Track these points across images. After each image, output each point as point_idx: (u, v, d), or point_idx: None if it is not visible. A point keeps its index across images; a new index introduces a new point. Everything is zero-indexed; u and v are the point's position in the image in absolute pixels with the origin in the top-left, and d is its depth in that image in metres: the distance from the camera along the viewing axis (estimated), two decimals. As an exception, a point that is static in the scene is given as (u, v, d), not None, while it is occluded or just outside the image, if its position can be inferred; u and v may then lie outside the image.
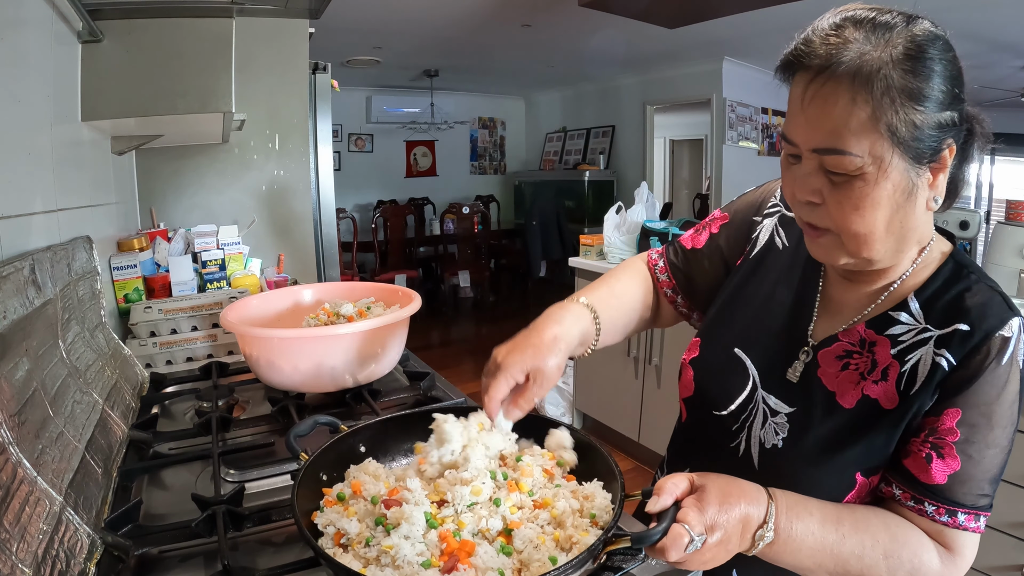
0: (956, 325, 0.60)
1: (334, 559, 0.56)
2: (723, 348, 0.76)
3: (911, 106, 0.53)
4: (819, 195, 0.59)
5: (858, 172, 0.55)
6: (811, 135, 0.57)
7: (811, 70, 0.56)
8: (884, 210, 0.57)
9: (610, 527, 0.56)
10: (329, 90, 2.49)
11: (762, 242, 0.78)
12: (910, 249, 0.64)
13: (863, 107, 0.53)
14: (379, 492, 0.65)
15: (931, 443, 0.60)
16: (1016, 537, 1.59)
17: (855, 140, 0.54)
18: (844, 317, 0.69)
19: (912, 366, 0.62)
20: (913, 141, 0.54)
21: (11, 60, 0.90)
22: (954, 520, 0.60)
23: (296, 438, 0.75)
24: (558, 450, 0.72)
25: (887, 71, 0.53)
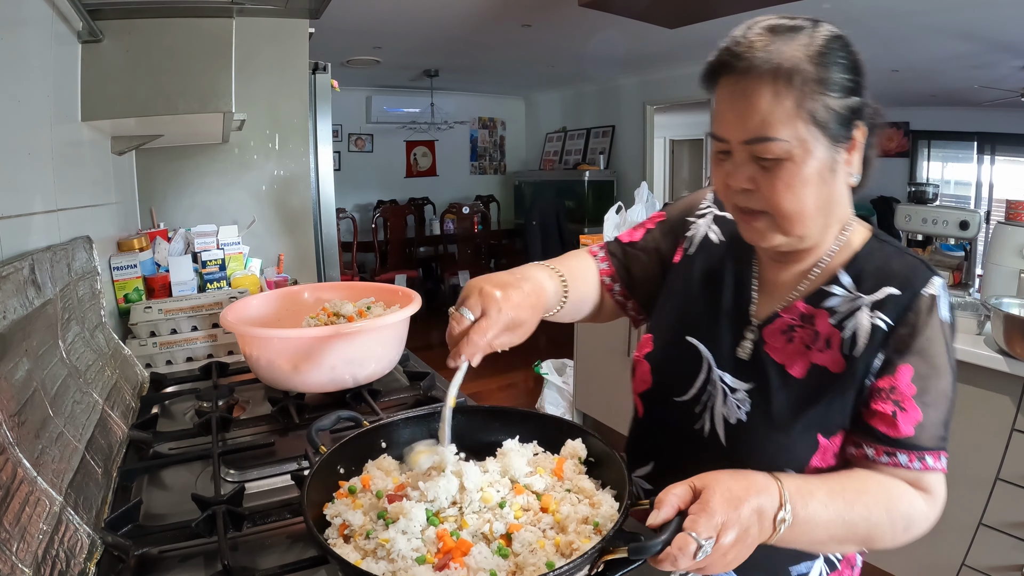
0: (887, 289, 0.68)
1: (331, 549, 0.56)
2: (675, 338, 0.82)
3: (826, 94, 0.62)
4: (753, 182, 0.66)
5: (787, 155, 0.63)
6: (742, 129, 0.64)
7: (736, 72, 0.63)
8: (812, 187, 0.64)
9: (608, 535, 0.56)
10: (329, 90, 2.49)
11: (698, 239, 0.86)
12: (834, 227, 0.72)
13: (786, 98, 0.61)
14: (386, 487, 0.66)
15: (893, 400, 0.67)
16: (1016, 537, 1.59)
17: (782, 127, 0.62)
18: (781, 296, 0.76)
19: (852, 332, 0.69)
20: (831, 123, 0.63)
21: (11, 60, 0.90)
22: (924, 464, 0.67)
23: (318, 432, 0.76)
24: (570, 459, 0.72)
25: (803, 66, 0.61)
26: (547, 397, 3.20)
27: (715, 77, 0.66)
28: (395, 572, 0.55)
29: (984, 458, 1.63)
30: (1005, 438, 1.60)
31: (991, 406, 1.62)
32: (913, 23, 3.36)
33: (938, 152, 5.78)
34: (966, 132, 5.39)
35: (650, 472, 0.85)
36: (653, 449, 0.86)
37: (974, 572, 1.68)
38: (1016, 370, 1.55)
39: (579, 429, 0.75)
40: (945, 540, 1.71)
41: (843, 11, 3.22)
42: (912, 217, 2.14)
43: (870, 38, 3.73)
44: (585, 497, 0.66)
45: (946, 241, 2.11)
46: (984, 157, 5.43)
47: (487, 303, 0.66)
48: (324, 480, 0.68)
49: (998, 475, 1.61)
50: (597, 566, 0.56)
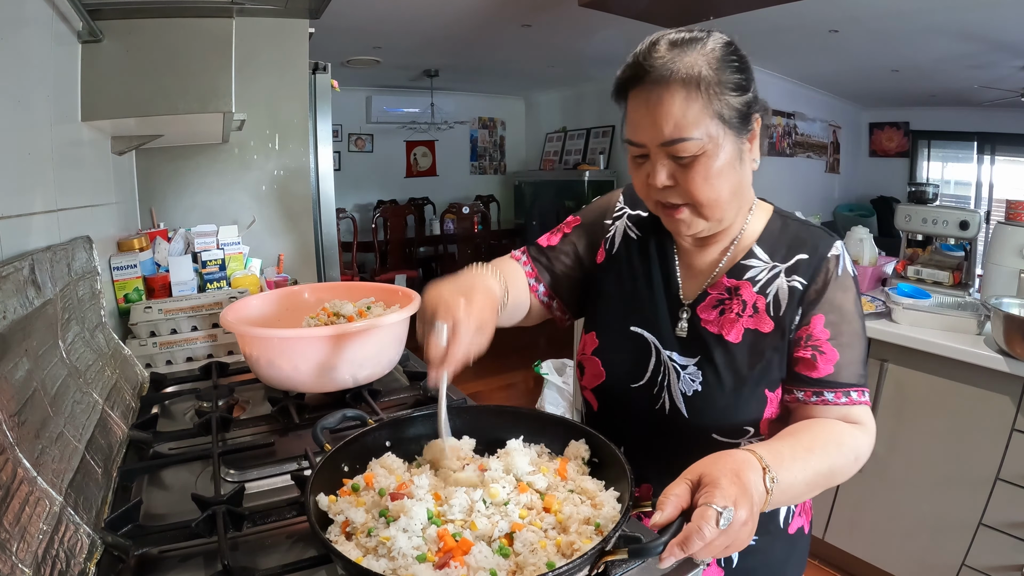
0: (797, 256, 0.79)
1: (333, 546, 0.56)
2: (620, 330, 0.88)
3: (728, 93, 0.70)
4: (672, 179, 0.73)
5: (701, 152, 0.70)
6: (658, 132, 0.71)
7: (648, 83, 0.70)
8: (725, 177, 0.73)
9: (609, 536, 0.56)
10: (329, 90, 2.49)
11: (619, 239, 0.93)
12: (743, 208, 0.81)
13: (695, 101, 0.69)
14: (389, 485, 0.66)
15: (812, 346, 0.76)
16: (1016, 537, 1.59)
17: (694, 128, 0.69)
18: (705, 275, 0.85)
19: (773, 295, 0.79)
20: (734, 118, 0.71)
21: (11, 60, 0.90)
22: (850, 399, 0.76)
23: (323, 430, 0.76)
24: (573, 460, 0.73)
25: (706, 72, 0.69)
26: (547, 397, 3.20)
27: (626, 89, 0.74)
28: (396, 570, 0.55)
29: (984, 458, 1.63)
30: (1005, 438, 1.60)
31: (991, 406, 1.62)
32: (913, 23, 3.36)
33: (938, 152, 5.78)
34: (966, 132, 5.39)
35: (627, 449, 0.88)
36: (615, 437, 0.88)
37: (974, 572, 1.68)
38: (1016, 370, 1.55)
39: (584, 430, 0.76)
40: (945, 540, 1.71)
41: (843, 11, 3.22)
42: (912, 217, 2.14)
43: (870, 38, 3.73)
44: (588, 498, 0.66)
45: (946, 241, 2.10)
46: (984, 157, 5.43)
47: (455, 312, 0.69)
48: (328, 478, 0.68)
49: (998, 475, 1.61)
50: (598, 567, 0.56)
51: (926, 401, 1.76)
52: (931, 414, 1.74)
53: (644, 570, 0.63)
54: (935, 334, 1.74)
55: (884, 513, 1.87)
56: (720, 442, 0.80)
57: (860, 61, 4.36)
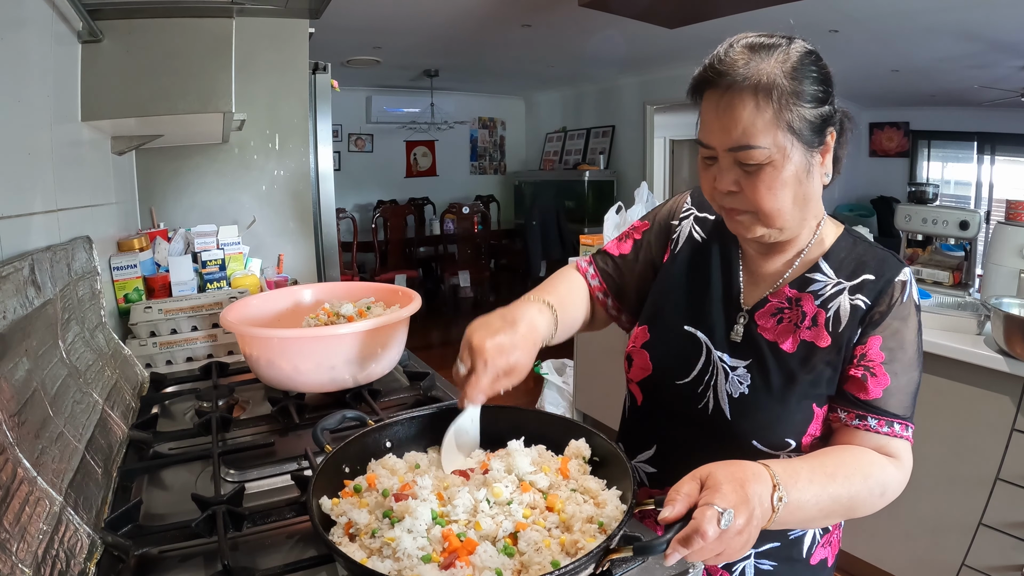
0: (864, 276, 0.77)
1: (337, 547, 0.56)
2: (672, 327, 0.88)
3: (801, 104, 0.68)
4: (737, 184, 0.72)
5: (767, 161, 0.69)
6: (726, 137, 0.70)
7: (721, 87, 0.70)
8: (790, 188, 0.71)
9: (613, 534, 0.56)
10: (329, 90, 2.49)
11: (683, 239, 0.92)
12: (810, 221, 0.79)
13: (766, 110, 0.68)
14: (392, 486, 0.67)
15: (864, 366, 0.74)
16: (1016, 537, 1.59)
17: (762, 136, 0.68)
18: (767, 284, 0.83)
19: (835, 311, 0.77)
20: (805, 131, 0.69)
21: (11, 60, 0.90)
22: (892, 430, 0.73)
23: (323, 431, 0.76)
24: (575, 459, 0.73)
25: (780, 80, 0.68)
26: (547, 397, 3.20)
27: (700, 90, 0.74)
28: (401, 571, 0.55)
29: (984, 458, 1.63)
30: (1005, 438, 1.60)
31: (991, 406, 1.62)
32: (913, 23, 3.36)
33: (938, 152, 5.78)
34: (966, 132, 5.39)
35: (652, 456, 0.89)
36: (653, 433, 0.90)
37: (974, 572, 1.68)
38: (1016, 370, 1.55)
39: (584, 429, 0.76)
40: (945, 540, 1.71)
41: (843, 11, 3.22)
42: (912, 217, 2.14)
43: (870, 38, 3.73)
44: (590, 497, 0.66)
45: (946, 241, 2.10)
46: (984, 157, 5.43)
47: (475, 358, 0.72)
48: (329, 479, 0.68)
49: (998, 475, 1.61)
50: (602, 565, 0.56)
51: (926, 401, 1.75)
52: (931, 414, 1.74)
53: (646, 569, 0.63)
54: (935, 334, 1.74)
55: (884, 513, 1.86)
56: (760, 451, 0.78)
57: (860, 61, 4.36)
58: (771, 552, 0.81)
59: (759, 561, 0.82)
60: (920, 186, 2.43)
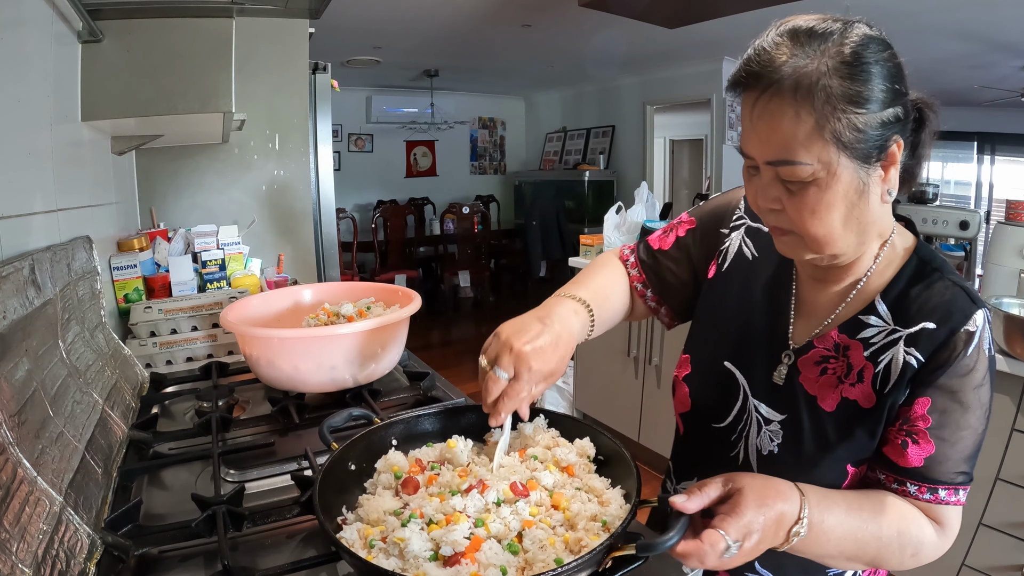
0: (923, 324, 0.64)
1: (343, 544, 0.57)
2: (712, 362, 0.79)
3: (852, 111, 0.56)
4: (779, 202, 0.62)
5: (811, 179, 0.58)
6: (764, 149, 0.60)
7: (756, 89, 0.58)
8: (839, 211, 0.60)
9: (616, 533, 0.57)
10: (329, 90, 2.49)
11: (732, 254, 0.81)
12: (872, 242, 0.67)
13: (807, 119, 0.56)
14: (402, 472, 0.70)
15: (906, 431, 0.64)
16: (1016, 537, 1.59)
17: (804, 150, 0.57)
18: (818, 318, 0.72)
19: (885, 366, 0.65)
20: (858, 143, 0.57)
21: (11, 60, 0.90)
22: (936, 497, 0.64)
23: (329, 430, 0.76)
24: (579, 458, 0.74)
25: (825, 81, 0.55)
26: (547, 397, 3.20)
27: (738, 91, 0.62)
28: (406, 568, 0.55)
29: (984, 458, 1.62)
30: (1005, 438, 1.60)
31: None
32: (913, 23, 3.36)
33: (938, 152, 5.78)
34: (966, 132, 5.39)
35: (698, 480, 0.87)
36: (695, 466, 0.86)
37: (974, 572, 1.68)
38: (1016, 370, 1.55)
39: (589, 428, 0.76)
40: (945, 540, 1.71)
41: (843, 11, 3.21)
42: (912, 217, 2.14)
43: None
44: (594, 495, 0.67)
45: (946, 241, 2.11)
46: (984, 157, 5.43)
47: (519, 364, 0.66)
48: (335, 476, 0.69)
49: (998, 475, 1.61)
50: (605, 563, 0.57)
51: (926, 401, 1.76)
52: (931, 414, 1.75)
53: (649, 567, 0.63)
54: (935, 334, 1.74)
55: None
56: None
57: (860, 61, 4.35)
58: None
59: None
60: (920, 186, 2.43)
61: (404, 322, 1.13)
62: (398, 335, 1.14)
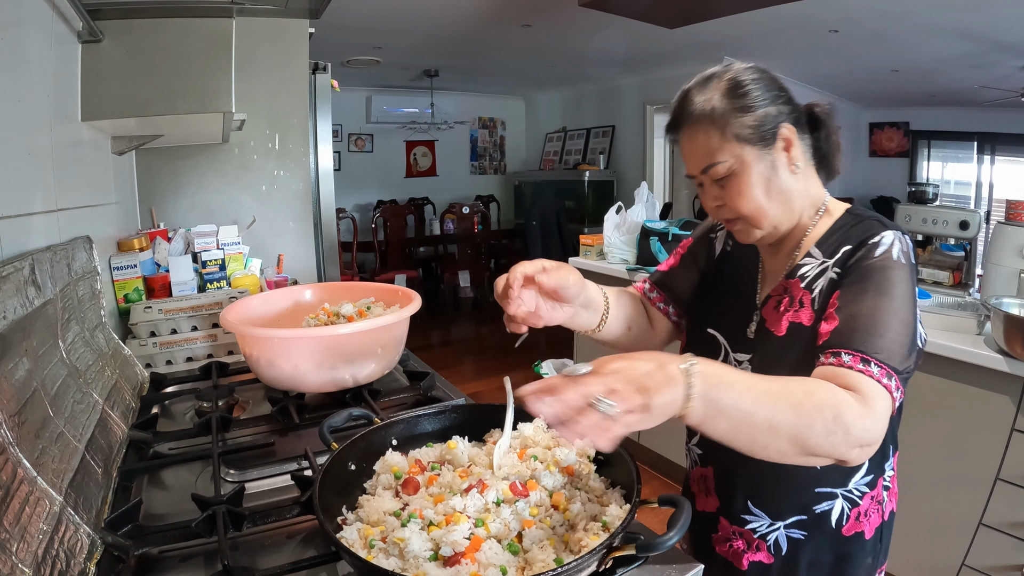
0: (843, 248, 0.79)
1: (343, 544, 0.57)
2: (700, 330, 0.96)
3: (741, 116, 0.77)
4: (719, 199, 0.82)
5: (730, 172, 0.79)
6: (695, 164, 0.82)
7: (680, 126, 0.82)
8: (759, 187, 0.79)
9: (616, 533, 0.57)
10: (329, 90, 2.49)
11: (718, 251, 1.01)
12: (802, 210, 0.84)
13: (714, 132, 0.78)
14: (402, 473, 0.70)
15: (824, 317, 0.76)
16: (1016, 537, 1.59)
17: (719, 153, 0.78)
18: (775, 278, 0.88)
19: (819, 290, 0.80)
20: (754, 136, 0.77)
21: (11, 60, 0.90)
22: (839, 360, 0.70)
23: (329, 430, 0.76)
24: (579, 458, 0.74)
25: (717, 103, 0.78)
26: (547, 397, 3.20)
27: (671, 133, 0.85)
28: (406, 568, 0.55)
29: (984, 458, 1.63)
30: (1005, 438, 1.60)
31: (991, 406, 1.62)
32: (913, 23, 3.36)
33: (938, 152, 5.78)
34: (966, 132, 5.39)
35: (699, 439, 0.96)
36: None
37: (974, 572, 1.68)
38: (1016, 370, 1.55)
39: None
40: (945, 540, 1.71)
41: (843, 11, 3.22)
42: (912, 217, 2.14)
43: (870, 38, 3.73)
44: (594, 496, 0.67)
45: (946, 241, 2.10)
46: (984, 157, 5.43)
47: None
48: (335, 476, 0.69)
49: (998, 475, 1.61)
50: (605, 563, 0.57)
51: (926, 401, 1.75)
52: (931, 414, 1.74)
53: (648, 567, 0.64)
54: (935, 334, 1.74)
55: (884, 513, 1.86)
56: None
57: (860, 61, 4.36)
58: (798, 523, 0.84)
59: (789, 531, 0.84)
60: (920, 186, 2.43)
61: (404, 322, 1.13)
62: (398, 335, 1.14)
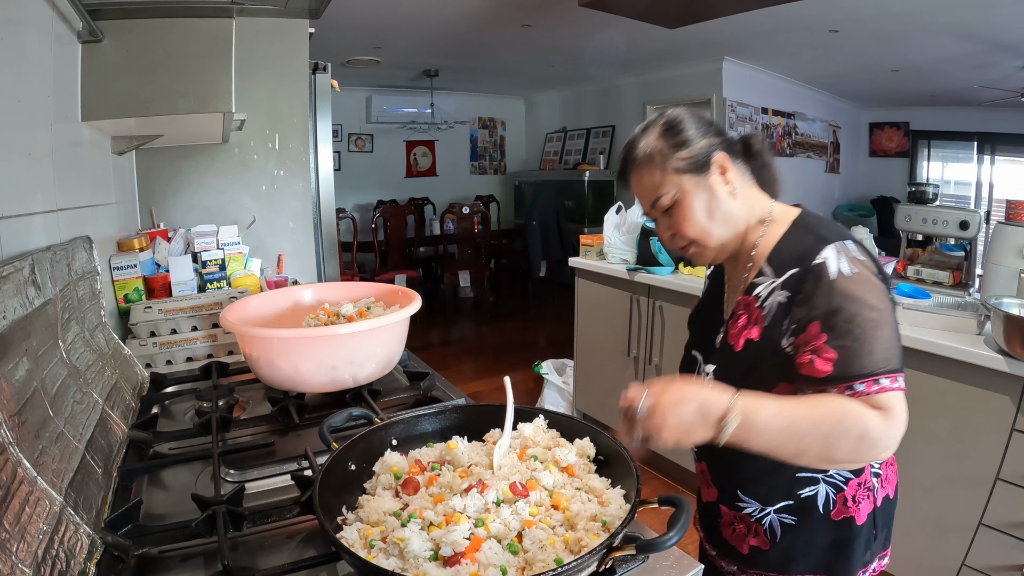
0: (791, 271, 0.84)
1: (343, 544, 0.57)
2: (687, 352, 1.04)
3: (676, 151, 0.88)
4: (670, 228, 0.92)
5: (674, 201, 0.89)
6: (645, 200, 0.92)
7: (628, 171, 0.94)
8: (701, 211, 0.88)
9: (616, 533, 0.57)
10: (329, 90, 2.49)
11: (707, 273, 1.11)
12: (747, 225, 0.91)
13: (655, 169, 0.89)
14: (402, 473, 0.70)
15: (810, 350, 0.79)
16: (1016, 537, 1.59)
17: (662, 187, 0.89)
18: (737, 291, 0.94)
19: (769, 308, 0.86)
20: (690, 166, 0.88)
21: (11, 60, 0.90)
22: (855, 392, 0.75)
23: (329, 430, 0.76)
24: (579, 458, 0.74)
25: (654, 144, 0.90)
26: (547, 397, 3.20)
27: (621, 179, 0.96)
28: (406, 568, 0.55)
29: (984, 458, 1.63)
30: (1005, 438, 1.60)
31: (991, 406, 1.62)
32: (913, 23, 3.36)
33: (938, 152, 5.78)
34: (966, 132, 5.39)
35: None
36: None
37: (974, 572, 1.68)
38: (1016, 370, 1.55)
39: (589, 428, 0.76)
40: (945, 540, 1.71)
41: (843, 11, 3.22)
42: (912, 217, 2.14)
43: (870, 38, 3.73)
44: (594, 496, 0.67)
45: (946, 241, 2.10)
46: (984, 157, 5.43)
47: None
48: (335, 476, 0.69)
49: (998, 475, 1.61)
50: (605, 562, 0.57)
51: (926, 401, 1.75)
52: (931, 414, 1.74)
53: (648, 567, 0.64)
54: (935, 334, 1.74)
55: (884, 513, 1.86)
56: None
57: (860, 61, 4.36)
58: (787, 508, 0.89)
59: (780, 515, 0.90)
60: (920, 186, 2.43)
61: (404, 322, 1.13)
62: (398, 335, 1.14)
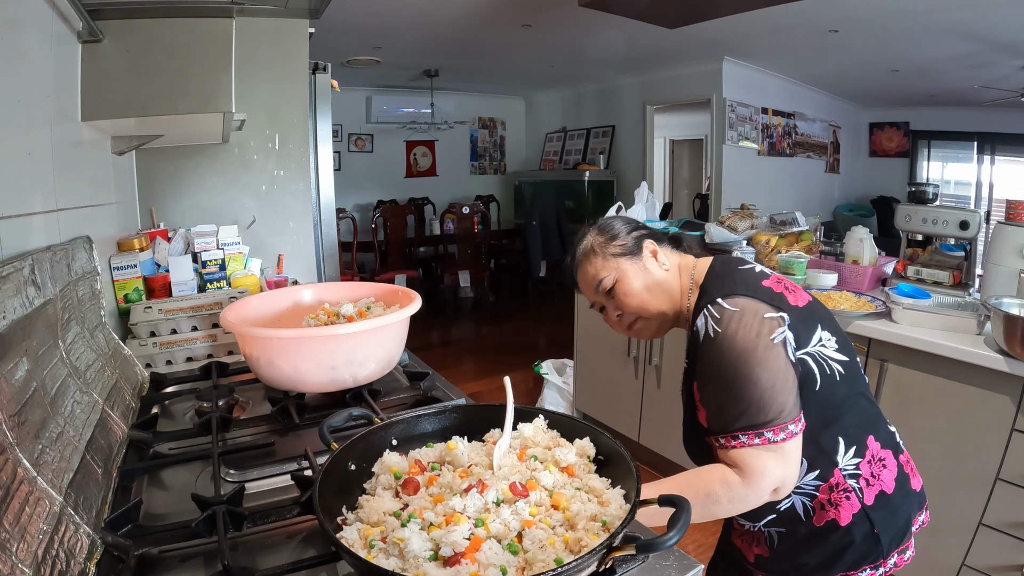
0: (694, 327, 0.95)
1: (343, 544, 0.57)
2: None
3: (611, 242, 1.05)
4: (616, 308, 1.05)
5: (614, 282, 1.03)
6: (589, 290, 1.07)
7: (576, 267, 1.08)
8: (639, 286, 1.02)
9: (616, 532, 0.57)
10: (329, 90, 2.49)
11: None
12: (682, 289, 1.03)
13: (596, 260, 1.05)
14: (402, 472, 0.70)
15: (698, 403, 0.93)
16: (1016, 537, 1.59)
17: (602, 271, 1.04)
18: None
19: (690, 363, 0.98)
20: (624, 252, 1.04)
21: (11, 60, 0.90)
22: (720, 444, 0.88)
23: (329, 430, 0.76)
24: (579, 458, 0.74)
25: (592, 240, 1.07)
26: (547, 397, 3.20)
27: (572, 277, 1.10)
28: (406, 568, 0.55)
29: (984, 458, 1.63)
30: (1005, 438, 1.60)
31: (991, 406, 1.62)
32: (913, 23, 3.36)
33: (938, 152, 5.79)
34: (966, 132, 5.39)
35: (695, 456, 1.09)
36: None
37: (974, 572, 1.68)
38: (1016, 370, 1.55)
39: (589, 428, 0.76)
40: (945, 540, 1.71)
41: (843, 11, 3.22)
42: (912, 217, 2.14)
43: (870, 38, 3.73)
44: (594, 496, 0.67)
45: (946, 241, 2.10)
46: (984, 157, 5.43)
47: None
48: (335, 477, 0.69)
49: (998, 475, 1.61)
50: (605, 563, 0.57)
51: (926, 401, 1.75)
52: (931, 414, 1.74)
53: (648, 567, 0.64)
54: (935, 334, 1.74)
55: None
56: None
57: (860, 61, 4.36)
58: (774, 521, 0.97)
59: (771, 528, 0.98)
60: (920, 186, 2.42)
61: (404, 322, 1.13)
62: (398, 335, 1.14)
